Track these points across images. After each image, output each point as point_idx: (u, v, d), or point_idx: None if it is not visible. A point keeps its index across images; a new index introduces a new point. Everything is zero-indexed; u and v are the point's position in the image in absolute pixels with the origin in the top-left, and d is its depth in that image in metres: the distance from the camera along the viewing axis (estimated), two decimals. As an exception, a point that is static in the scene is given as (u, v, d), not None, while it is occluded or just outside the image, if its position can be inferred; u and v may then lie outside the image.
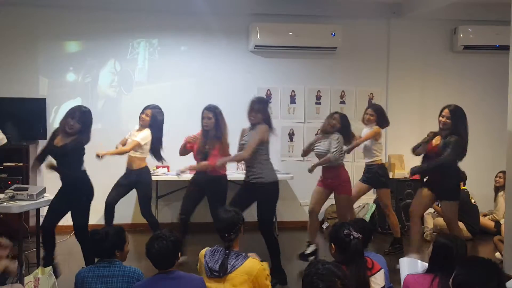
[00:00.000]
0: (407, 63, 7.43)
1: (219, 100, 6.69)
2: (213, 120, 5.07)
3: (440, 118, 4.83)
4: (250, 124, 4.78)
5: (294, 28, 7.00)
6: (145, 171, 5.44)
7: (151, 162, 5.98)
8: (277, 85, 7.27)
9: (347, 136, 5.39)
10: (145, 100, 6.71)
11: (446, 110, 4.81)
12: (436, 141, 4.88)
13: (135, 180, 5.38)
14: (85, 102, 6.89)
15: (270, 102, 7.21)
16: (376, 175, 5.71)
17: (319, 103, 7.36)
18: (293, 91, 7.31)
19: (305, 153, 5.59)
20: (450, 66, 7.51)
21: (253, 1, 7.02)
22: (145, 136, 5.31)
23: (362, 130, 5.87)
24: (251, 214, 6.58)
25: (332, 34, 7.03)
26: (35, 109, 6.65)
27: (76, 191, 4.51)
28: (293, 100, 7.32)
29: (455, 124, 4.77)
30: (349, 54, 7.28)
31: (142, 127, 5.40)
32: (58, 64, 6.88)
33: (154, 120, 5.37)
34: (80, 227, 4.58)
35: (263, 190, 4.67)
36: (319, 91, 7.36)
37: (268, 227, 4.75)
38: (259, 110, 4.70)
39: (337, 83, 7.38)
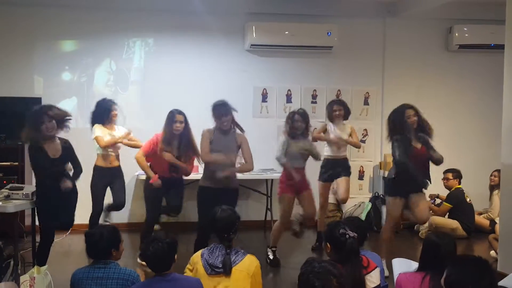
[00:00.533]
0: (403, 62, 7.45)
1: (214, 99, 6.73)
2: (184, 125, 5.06)
3: (410, 118, 4.74)
4: (221, 129, 4.73)
5: (290, 27, 7.01)
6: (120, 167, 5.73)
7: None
8: (273, 84, 7.28)
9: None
10: (140, 99, 6.76)
11: (411, 111, 4.78)
12: (416, 143, 4.79)
13: (115, 176, 5.61)
14: (81, 101, 6.91)
15: (266, 101, 7.29)
16: (348, 166, 5.87)
17: (315, 102, 7.37)
18: (289, 90, 7.33)
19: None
20: (445, 65, 7.54)
21: (249, 0, 7.02)
22: None
23: (330, 125, 5.84)
24: (246, 213, 6.63)
25: (328, 33, 7.05)
26: (30, 108, 6.62)
27: (74, 192, 4.55)
28: (289, 99, 7.33)
29: (421, 121, 4.81)
30: (345, 53, 7.30)
31: (113, 123, 5.65)
32: (53, 63, 6.87)
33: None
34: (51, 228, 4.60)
35: (237, 192, 4.83)
36: (315, 90, 7.38)
37: None
38: (231, 114, 4.75)
39: (333, 82, 7.39)
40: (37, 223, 6.26)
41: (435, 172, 6.36)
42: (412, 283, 2.71)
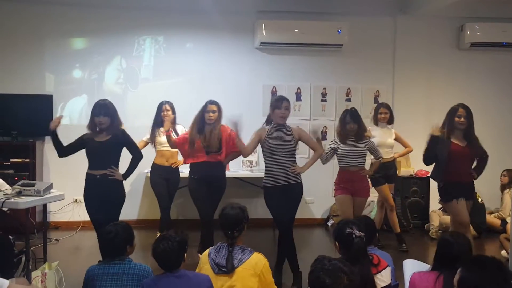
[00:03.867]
0: (414, 60, 7.40)
1: (224, 97, 6.73)
2: (217, 114, 5.11)
3: (461, 118, 4.69)
4: (278, 123, 4.61)
5: (299, 25, 6.99)
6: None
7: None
8: (282, 82, 7.27)
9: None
10: (150, 97, 6.77)
11: (464, 111, 4.72)
12: (461, 141, 4.73)
13: (171, 174, 5.85)
14: (91, 99, 6.92)
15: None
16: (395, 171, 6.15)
17: (325, 101, 7.35)
18: (298, 88, 7.32)
19: None
20: (456, 63, 7.48)
21: (259, -2, 7.02)
22: None
23: (374, 128, 5.93)
24: (255, 211, 6.63)
25: (338, 31, 7.02)
26: (42, 105, 6.69)
27: (120, 188, 4.53)
28: (298, 97, 7.32)
29: (471, 123, 4.77)
30: (355, 51, 7.27)
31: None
32: (64, 61, 6.91)
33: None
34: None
35: (301, 189, 4.72)
36: (324, 88, 7.36)
37: (292, 225, 4.71)
38: (289, 108, 4.69)
39: (343, 80, 7.37)
40: (50, 219, 6.31)
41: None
42: (426, 282, 2.70)
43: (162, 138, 5.71)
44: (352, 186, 5.06)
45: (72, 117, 6.93)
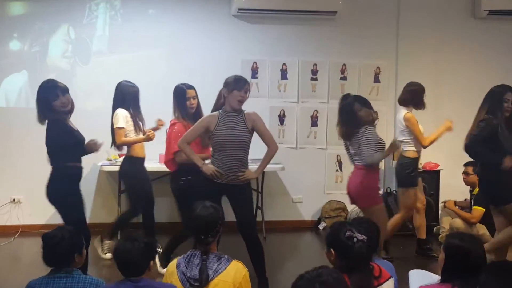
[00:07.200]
0: (421, 31, 7.42)
1: (196, 74, 6.69)
2: (197, 100, 5.21)
3: (508, 103, 4.76)
4: (232, 108, 4.57)
5: (286, -12, 6.98)
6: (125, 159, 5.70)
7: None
8: (265, 57, 7.24)
9: None
10: (105, 74, 6.69)
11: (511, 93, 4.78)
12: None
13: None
14: (32, 76, 6.81)
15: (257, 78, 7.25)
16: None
17: (316, 79, 7.34)
18: (284, 64, 7.30)
19: None
20: (471, 34, 7.52)
21: (236, -46, 6.96)
22: None
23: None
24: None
25: (331, -5, 7.03)
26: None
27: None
28: (284, 75, 7.30)
29: None
30: (351, 20, 7.25)
31: None
32: (-1, 30, 6.80)
33: None
34: None
35: (250, 189, 4.75)
36: (315, 64, 7.35)
37: (255, 228, 4.76)
38: (248, 91, 4.66)
39: (337, 55, 7.36)
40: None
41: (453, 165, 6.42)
42: (438, 296, 2.71)
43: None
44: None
45: (9, 98, 6.79)
